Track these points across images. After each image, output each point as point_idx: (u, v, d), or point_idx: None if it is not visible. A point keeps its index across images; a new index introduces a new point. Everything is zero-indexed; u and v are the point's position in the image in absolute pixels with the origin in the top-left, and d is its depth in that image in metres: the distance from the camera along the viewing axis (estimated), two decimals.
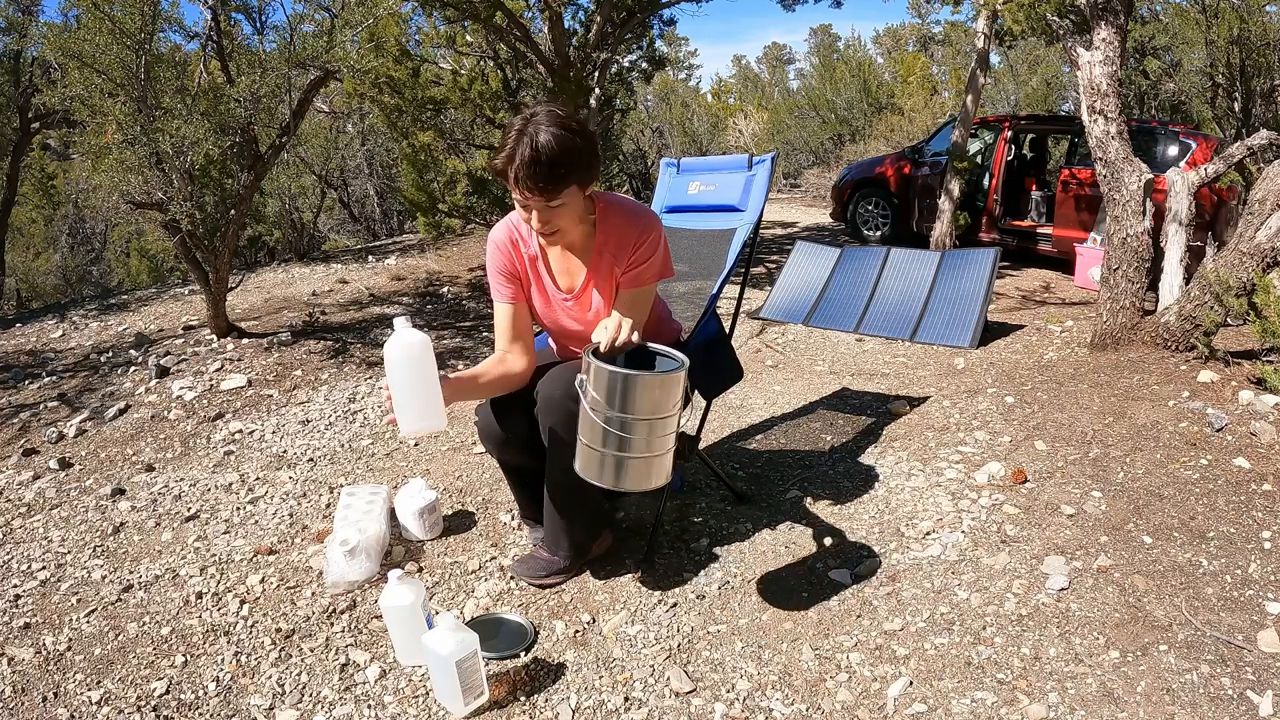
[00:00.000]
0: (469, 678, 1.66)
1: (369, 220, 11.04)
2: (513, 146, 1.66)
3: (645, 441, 1.64)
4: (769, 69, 31.07)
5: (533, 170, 1.64)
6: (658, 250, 1.88)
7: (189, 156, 3.85)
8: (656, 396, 1.63)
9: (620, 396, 1.61)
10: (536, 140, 1.64)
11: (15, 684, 1.86)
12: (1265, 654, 1.70)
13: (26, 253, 10.12)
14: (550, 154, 1.64)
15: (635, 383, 1.61)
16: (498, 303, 1.97)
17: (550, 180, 1.67)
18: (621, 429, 1.62)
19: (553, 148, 1.64)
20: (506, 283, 1.96)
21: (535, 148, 1.63)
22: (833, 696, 1.70)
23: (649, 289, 1.91)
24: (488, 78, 6.71)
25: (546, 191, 1.68)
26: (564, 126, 1.67)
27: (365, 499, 2.38)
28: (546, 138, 1.64)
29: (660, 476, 1.71)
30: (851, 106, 14.21)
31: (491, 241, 1.97)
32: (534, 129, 1.65)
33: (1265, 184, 3.05)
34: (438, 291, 5.76)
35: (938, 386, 3.59)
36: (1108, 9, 3.60)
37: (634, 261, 1.86)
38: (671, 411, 1.66)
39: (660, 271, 1.91)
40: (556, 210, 1.74)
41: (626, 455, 1.65)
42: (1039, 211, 6.83)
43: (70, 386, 3.97)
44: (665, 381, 1.64)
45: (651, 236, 1.86)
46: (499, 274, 1.96)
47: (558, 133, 1.65)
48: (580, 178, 1.73)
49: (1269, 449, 2.52)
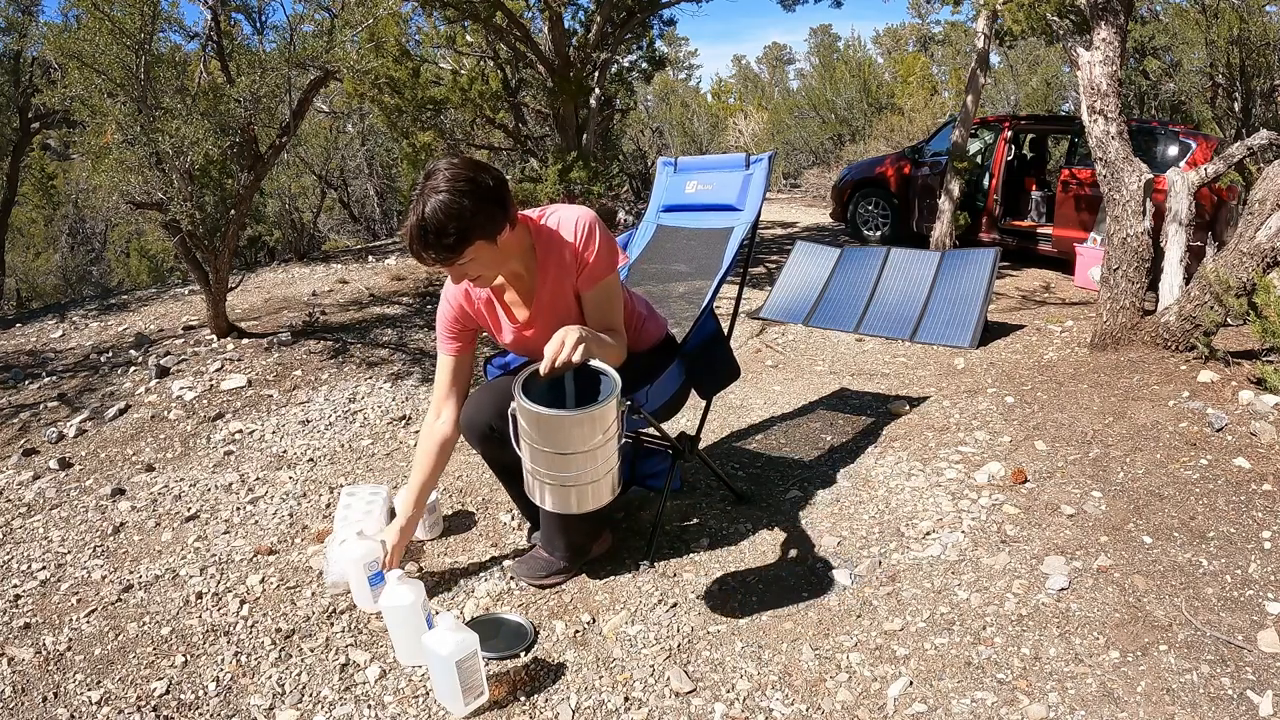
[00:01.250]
0: (469, 678, 1.66)
1: (369, 220, 11.05)
2: (411, 211, 1.65)
3: (578, 470, 1.64)
4: (769, 69, 31.07)
5: (423, 241, 1.63)
6: (595, 240, 1.83)
7: (189, 156, 3.84)
8: (582, 432, 1.61)
9: (543, 432, 1.61)
10: (424, 210, 1.62)
11: (15, 684, 1.86)
12: (1265, 654, 1.70)
13: (26, 253, 10.12)
14: (436, 224, 1.61)
15: (555, 422, 1.60)
16: (441, 354, 2.01)
17: (442, 249, 1.64)
18: (550, 463, 1.64)
19: (439, 217, 1.61)
20: (450, 337, 1.99)
21: (422, 218, 1.61)
22: (833, 696, 1.70)
23: (608, 282, 1.87)
24: (488, 78, 6.71)
25: (442, 255, 1.65)
26: (453, 190, 1.62)
27: (365, 499, 2.38)
28: (433, 206, 1.61)
29: (601, 498, 1.70)
30: (851, 106, 14.21)
31: (444, 296, 1.98)
32: (426, 196, 1.63)
33: (1265, 184, 3.05)
34: (437, 291, 5.76)
35: (938, 386, 3.59)
36: (1108, 9, 3.60)
37: (581, 262, 1.84)
38: (599, 444, 1.63)
39: (609, 259, 1.87)
40: (467, 266, 1.71)
41: (560, 484, 1.66)
42: (1039, 211, 6.83)
43: (70, 386, 3.97)
44: (586, 419, 1.60)
45: (584, 232, 1.84)
46: (444, 326, 1.99)
47: (444, 200, 1.61)
48: (481, 234, 1.68)
49: (1269, 449, 2.52)
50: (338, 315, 5.07)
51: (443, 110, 6.12)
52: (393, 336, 4.61)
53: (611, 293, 1.90)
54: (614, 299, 1.91)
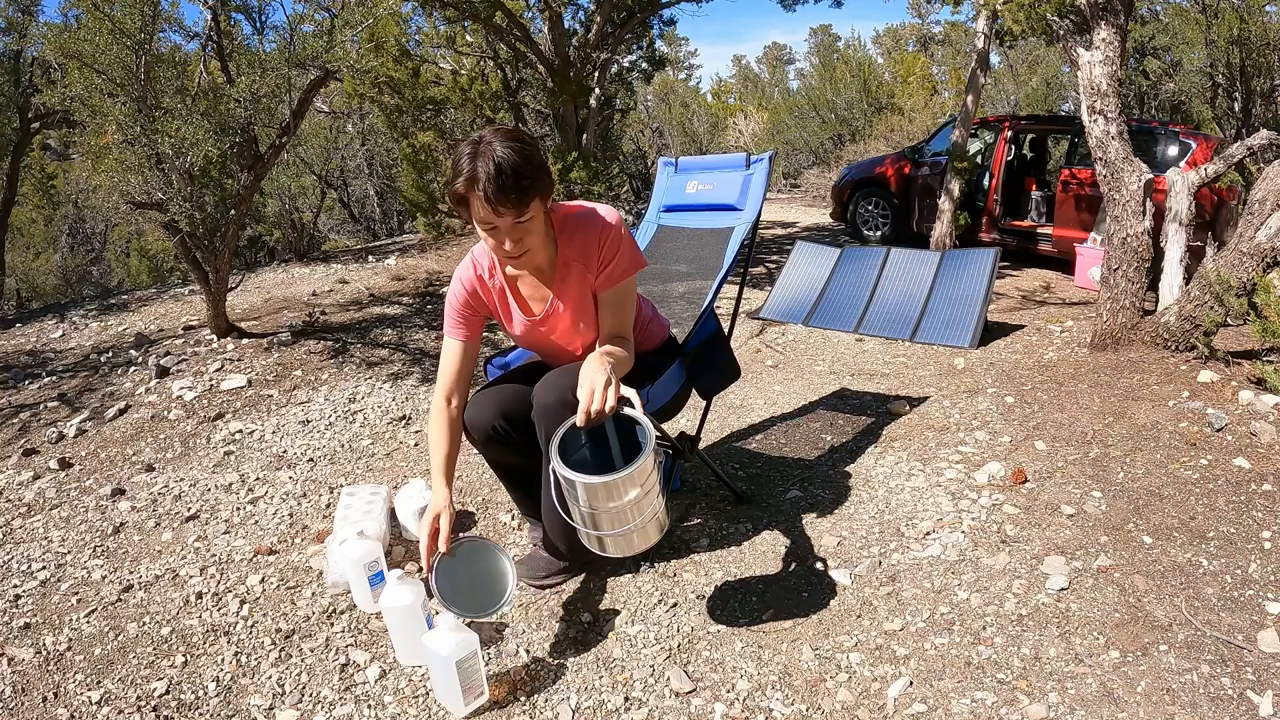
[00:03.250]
0: (469, 678, 1.66)
1: (369, 220, 11.05)
2: (471, 167, 1.62)
3: (618, 522, 1.64)
4: (769, 69, 31.04)
5: (500, 183, 1.61)
6: (622, 244, 1.84)
7: (189, 157, 3.84)
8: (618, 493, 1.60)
9: (579, 497, 1.61)
10: (495, 158, 1.61)
11: (15, 684, 1.86)
12: (1265, 654, 1.70)
13: (26, 253, 10.12)
14: (514, 165, 1.61)
15: (591, 489, 1.59)
16: (449, 338, 1.94)
17: (518, 191, 1.63)
18: (592, 520, 1.65)
19: (514, 159, 1.62)
20: (460, 322, 1.93)
21: (496, 162, 1.61)
22: (833, 696, 1.70)
23: (626, 285, 1.88)
24: (488, 78, 6.72)
25: (517, 204, 1.64)
26: (518, 139, 1.65)
27: (365, 499, 2.38)
28: (505, 152, 1.62)
29: (645, 542, 1.71)
30: (851, 106, 14.20)
31: (456, 278, 1.94)
32: (488, 148, 1.63)
33: (1265, 184, 3.05)
34: (438, 291, 5.76)
35: (938, 386, 3.59)
36: (1108, 9, 3.60)
37: (602, 262, 1.84)
38: (637, 496, 1.62)
39: (630, 263, 1.87)
40: (526, 226, 1.70)
41: (603, 534, 1.66)
42: (1039, 211, 6.83)
43: (70, 386, 3.96)
44: (615, 485, 1.59)
45: (611, 232, 1.83)
46: (456, 311, 1.93)
47: (515, 145, 1.63)
48: (541, 190, 1.69)
49: (1269, 449, 2.52)
50: (338, 315, 5.07)
51: (443, 110, 6.13)
52: (393, 336, 4.61)
53: (627, 296, 1.89)
54: (629, 303, 1.90)
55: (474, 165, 1.62)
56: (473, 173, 1.62)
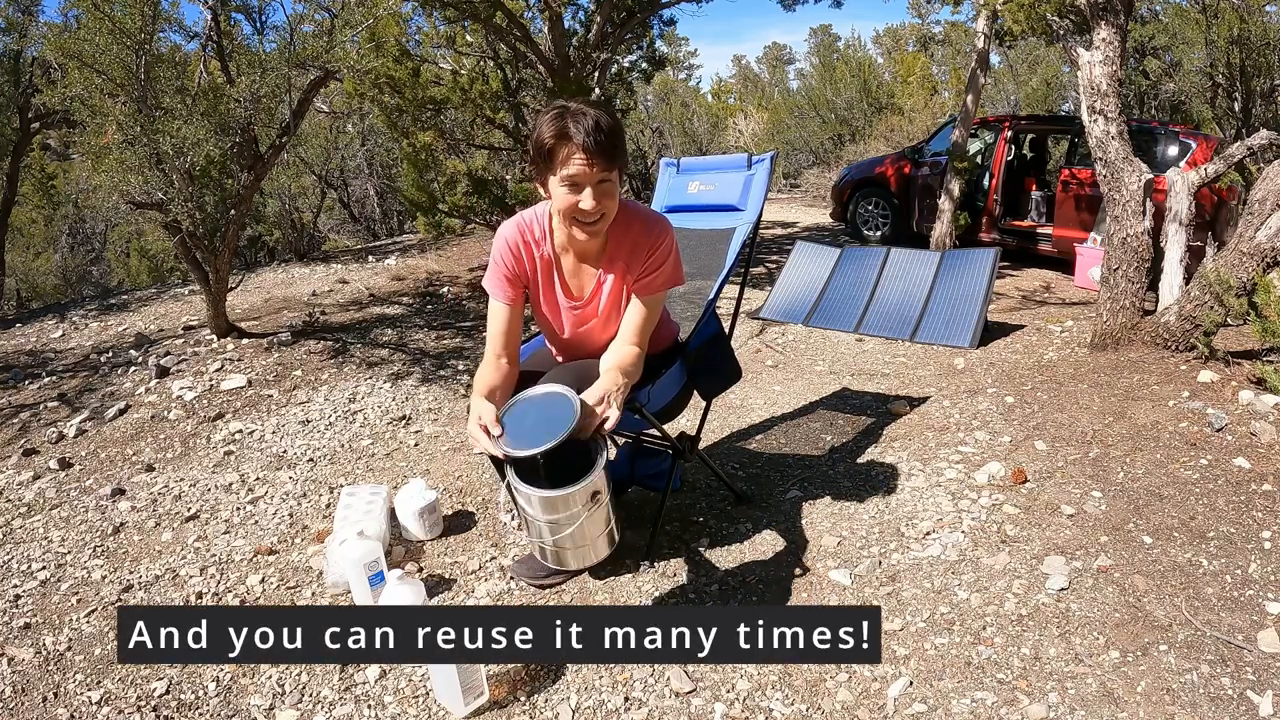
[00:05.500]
0: (469, 677, 1.66)
1: (369, 220, 11.04)
2: (561, 123, 1.64)
3: (569, 536, 1.68)
4: (769, 69, 31.04)
5: (597, 136, 1.63)
6: (669, 257, 1.86)
7: (189, 157, 3.84)
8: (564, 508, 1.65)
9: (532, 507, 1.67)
10: (591, 114, 1.65)
11: (15, 684, 1.86)
12: (1265, 654, 1.70)
13: (26, 253, 10.11)
14: (609, 125, 1.66)
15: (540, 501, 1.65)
16: (496, 301, 1.88)
17: (614, 146, 1.67)
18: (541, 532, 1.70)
19: (609, 120, 1.67)
20: (509, 284, 1.88)
21: (594, 118, 1.64)
22: (833, 696, 1.70)
23: (659, 297, 1.89)
24: (488, 78, 6.71)
25: (609, 158, 1.67)
26: (604, 109, 1.71)
27: (365, 499, 2.38)
28: (598, 113, 1.67)
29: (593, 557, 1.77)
30: (851, 106, 14.19)
31: (502, 238, 1.88)
32: (579, 109, 1.66)
33: (1265, 184, 3.05)
34: (438, 291, 5.76)
35: (938, 386, 3.59)
36: (1108, 9, 3.59)
37: (646, 268, 1.84)
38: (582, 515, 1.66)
39: (670, 279, 1.88)
40: (606, 188, 1.70)
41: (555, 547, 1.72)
42: (1039, 211, 6.82)
43: (70, 386, 3.96)
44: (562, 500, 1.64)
45: (665, 243, 1.84)
46: (503, 274, 1.88)
47: (607, 110, 1.70)
48: (624, 160, 1.75)
49: (1269, 449, 2.52)
50: (338, 315, 5.07)
51: (443, 110, 6.11)
52: (393, 336, 4.61)
53: (657, 306, 1.90)
54: (655, 314, 1.91)
55: (565, 122, 1.64)
56: (565, 128, 1.64)
